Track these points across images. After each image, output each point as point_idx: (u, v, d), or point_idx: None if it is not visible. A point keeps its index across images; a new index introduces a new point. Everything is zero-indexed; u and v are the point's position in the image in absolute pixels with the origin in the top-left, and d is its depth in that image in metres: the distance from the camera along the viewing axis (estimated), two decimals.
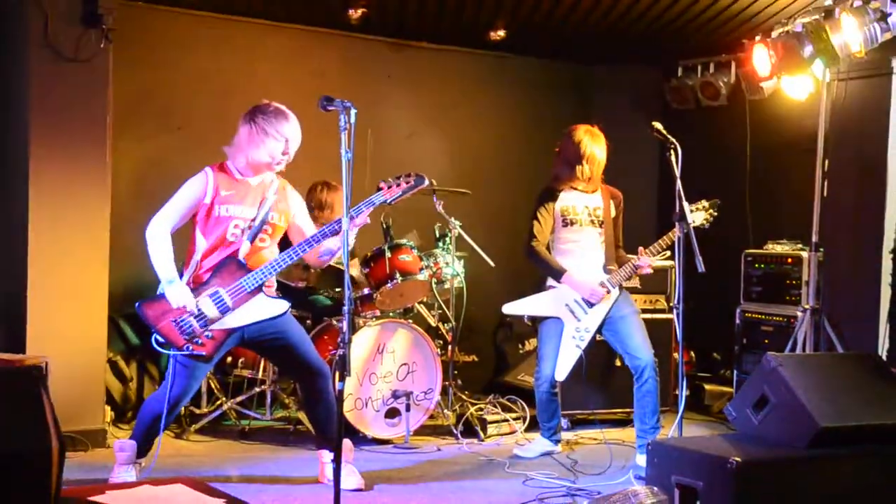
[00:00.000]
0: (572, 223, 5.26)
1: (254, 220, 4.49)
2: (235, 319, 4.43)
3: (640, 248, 5.17)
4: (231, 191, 4.48)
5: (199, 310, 4.35)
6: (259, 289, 4.44)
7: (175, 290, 4.34)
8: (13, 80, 5.35)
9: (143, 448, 4.51)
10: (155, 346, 4.37)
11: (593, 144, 5.25)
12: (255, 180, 4.54)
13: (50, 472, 3.01)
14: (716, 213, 5.26)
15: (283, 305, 4.50)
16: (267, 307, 4.47)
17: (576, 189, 5.30)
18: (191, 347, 4.35)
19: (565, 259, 5.26)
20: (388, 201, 4.54)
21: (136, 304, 4.40)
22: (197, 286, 4.41)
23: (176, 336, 4.35)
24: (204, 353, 4.39)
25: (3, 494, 2.93)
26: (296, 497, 4.45)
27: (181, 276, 4.42)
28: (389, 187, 4.52)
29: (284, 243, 4.62)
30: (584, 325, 5.19)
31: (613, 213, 5.37)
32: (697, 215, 5.21)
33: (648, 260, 5.15)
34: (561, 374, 5.21)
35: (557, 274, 5.20)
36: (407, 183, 4.53)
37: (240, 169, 4.54)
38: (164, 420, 4.39)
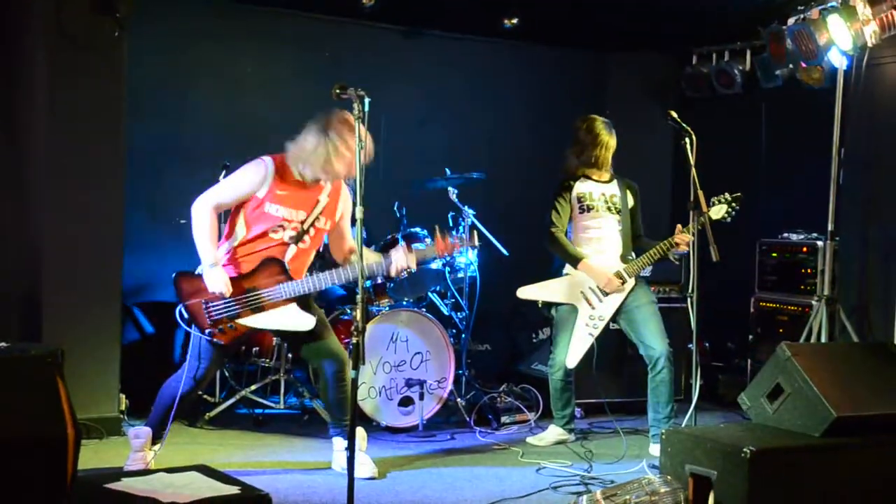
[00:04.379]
0: (589, 209, 5.25)
1: (303, 222, 4.48)
2: (262, 321, 4.44)
3: (679, 226, 5.09)
4: (286, 191, 4.42)
5: (230, 301, 4.36)
6: (294, 299, 4.45)
7: (214, 276, 4.34)
8: (28, 69, 5.36)
9: (158, 434, 4.54)
10: (179, 320, 4.40)
11: (601, 130, 5.25)
12: (312, 182, 4.50)
13: (66, 459, 3.02)
14: (738, 207, 5.20)
15: (309, 322, 4.49)
16: (294, 320, 4.48)
17: (590, 178, 5.30)
18: (212, 333, 4.37)
19: (584, 247, 5.25)
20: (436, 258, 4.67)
21: (174, 273, 4.41)
22: (235, 277, 4.41)
23: (202, 318, 4.37)
24: (222, 343, 4.42)
25: (19, 481, 2.95)
26: (309, 485, 4.47)
27: None
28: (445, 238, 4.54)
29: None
30: (598, 313, 5.19)
31: (632, 203, 5.36)
32: (719, 208, 5.15)
33: (686, 238, 5.03)
34: (572, 361, 5.21)
35: (575, 261, 5.19)
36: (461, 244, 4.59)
37: (301, 172, 4.48)
38: (178, 398, 4.41)
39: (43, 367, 3.20)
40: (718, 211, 5.16)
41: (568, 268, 5.27)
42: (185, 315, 4.37)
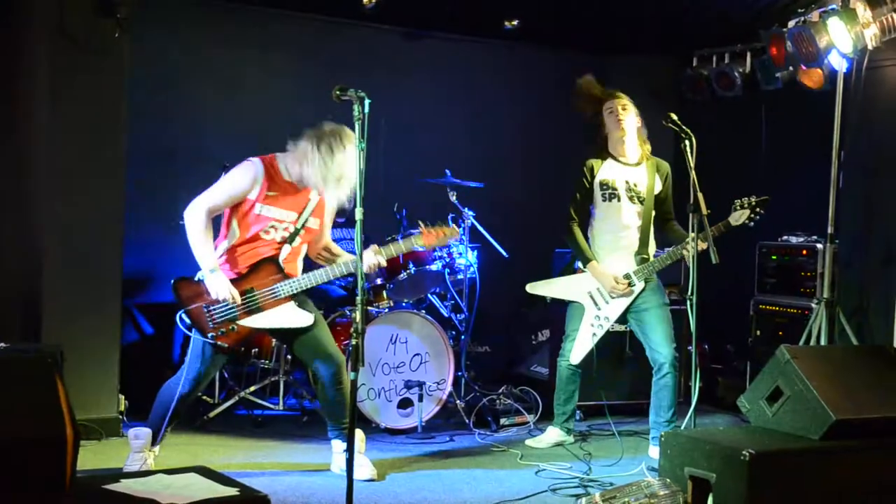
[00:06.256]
0: (610, 198, 5.16)
1: (295, 222, 4.51)
2: (262, 321, 4.46)
3: (692, 233, 4.98)
4: (275, 192, 4.46)
5: (232, 304, 4.36)
6: (291, 297, 4.47)
7: (216, 281, 4.35)
8: (29, 70, 5.36)
9: (158, 435, 4.54)
10: (181, 326, 4.40)
11: (623, 111, 5.17)
12: (301, 184, 4.53)
13: (64, 459, 3.02)
14: (762, 212, 5.04)
15: (308, 318, 4.52)
16: (294, 317, 4.51)
17: (618, 161, 5.22)
18: (215, 337, 4.38)
19: (602, 237, 5.19)
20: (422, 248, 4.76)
21: (173, 279, 4.41)
22: (233, 279, 4.41)
23: (204, 323, 4.38)
24: (226, 346, 4.43)
25: (18, 481, 2.94)
26: (308, 487, 4.47)
27: None
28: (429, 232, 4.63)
29: None
30: (604, 313, 5.16)
31: (660, 188, 5.25)
32: (741, 213, 5.02)
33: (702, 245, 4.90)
34: (576, 358, 5.21)
35: (584, 260, 5.15)
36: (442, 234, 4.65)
37: (290, 172, 4.51)
38: (176, 399, 4.42)
39: (42, 367, 3.19)
40: (740, 217, 5.02)
41: (580, 264, 5.24)
42: (187, 320, 4.38)
